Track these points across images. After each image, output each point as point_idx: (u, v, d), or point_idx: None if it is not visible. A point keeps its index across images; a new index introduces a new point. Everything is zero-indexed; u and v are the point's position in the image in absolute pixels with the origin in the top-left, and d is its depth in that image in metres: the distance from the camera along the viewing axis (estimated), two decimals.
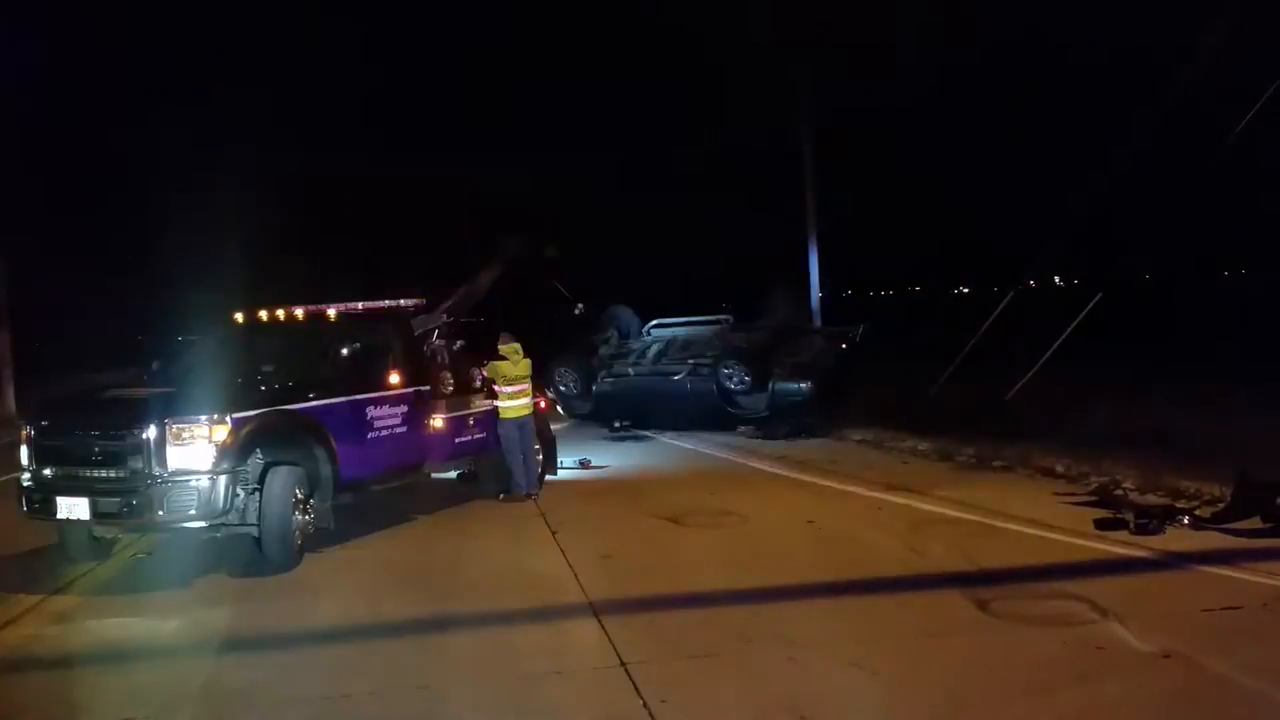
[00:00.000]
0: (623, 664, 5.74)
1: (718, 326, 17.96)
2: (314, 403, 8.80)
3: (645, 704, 5.17)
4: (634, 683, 5.45)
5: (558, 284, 13.97)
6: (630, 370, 17.01)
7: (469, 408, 10.93)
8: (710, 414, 16.02)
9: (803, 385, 15.57)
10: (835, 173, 22.87)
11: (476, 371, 11.19)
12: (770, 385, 15.66)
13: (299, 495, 8.36)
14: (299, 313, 10.09)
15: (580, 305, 14.89)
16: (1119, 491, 9.77)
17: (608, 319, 18.57)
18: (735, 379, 15.85)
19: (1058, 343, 15.25)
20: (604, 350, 17.58)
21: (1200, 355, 17.50)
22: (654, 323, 18.51)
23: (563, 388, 16.97)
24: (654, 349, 17.50)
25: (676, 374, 16.49)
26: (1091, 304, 15.41)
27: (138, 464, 7.78)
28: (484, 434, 10.98)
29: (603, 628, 6.44)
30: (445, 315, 11.02)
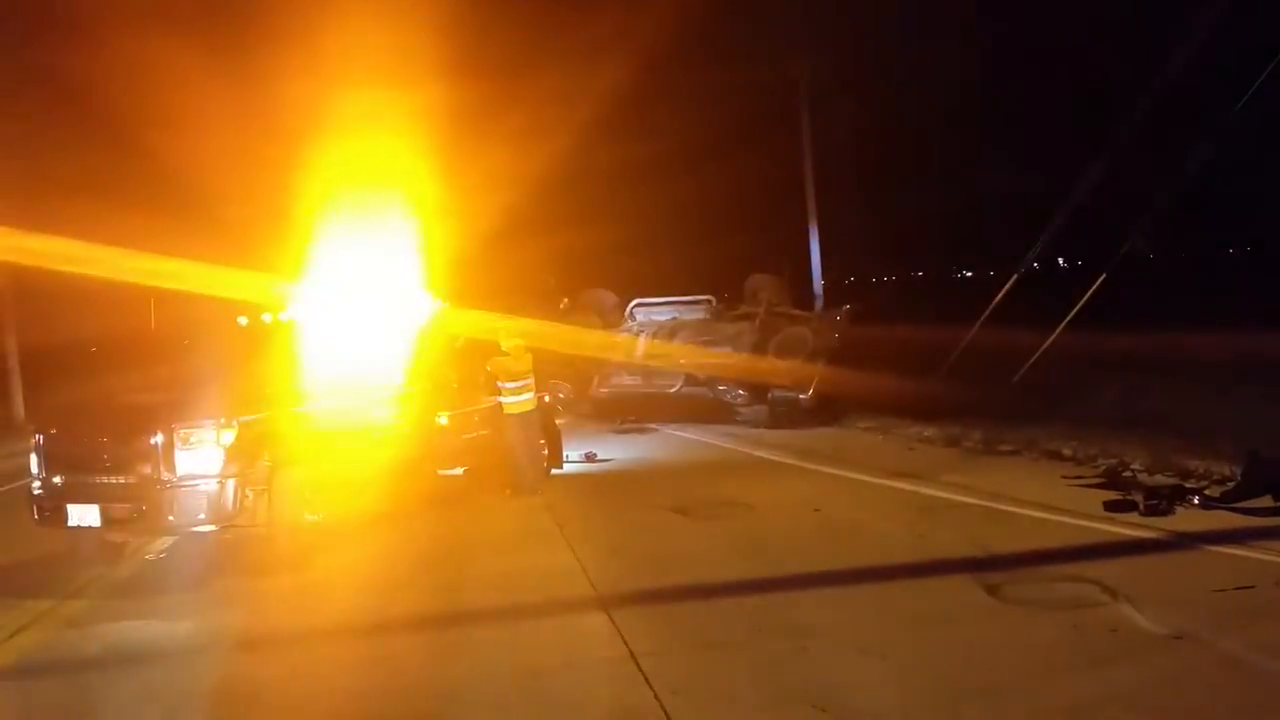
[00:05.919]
0: (633, 656, 5.74)
1: (702, 309, 17.88)
2: (320, 403, 8.82)
3: (656, 696, 5.16)
4: (644, 675, 5.45)
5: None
6: (625, 377, 17.02)
7: (473, 404, 10.94)
8: (711, 411, 16.02)
9: (803, 396, 15.40)
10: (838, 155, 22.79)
11: (480, 368, 11.20)
12: (770, 395, 15.60)
13: (308, 495, 8.37)
14: (302, 314, 10.08)
15: (551, 281, 14.96)
16: (1127, 473, 9.75)
17: (585, 304, 18.50)
18: (731, 394, 15.87)
19: (1062, 325, 15.21)
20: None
21: (1206, 333, 17.42)
22: (635, 302, 18.37)
23: (560, 394, 16.91)
24: (642, 340, 17.37)
25: (671, 386, 16.49)
26: (1095, 285, 15.36)
27: (147, 470, 7.80)
28: (489, 430, 10.99)
29: (612, 620, 6.44)
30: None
